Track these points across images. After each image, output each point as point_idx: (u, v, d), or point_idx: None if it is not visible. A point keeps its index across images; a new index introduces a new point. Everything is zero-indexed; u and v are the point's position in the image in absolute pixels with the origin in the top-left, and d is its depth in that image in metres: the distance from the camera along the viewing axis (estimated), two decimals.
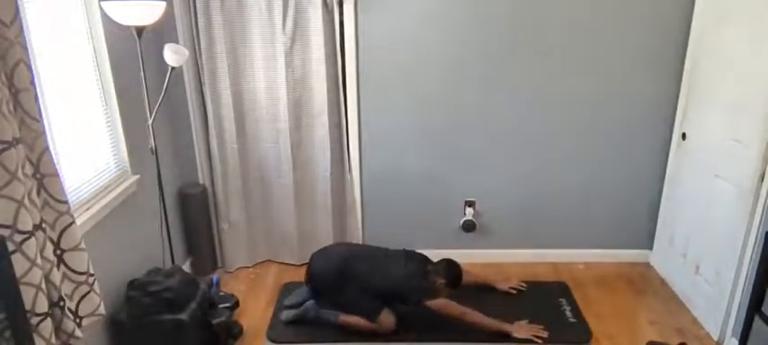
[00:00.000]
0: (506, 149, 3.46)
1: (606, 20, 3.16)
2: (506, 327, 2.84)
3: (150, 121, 2.77)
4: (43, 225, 1.82)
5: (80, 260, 2.01)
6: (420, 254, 3.01)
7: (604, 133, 3.41)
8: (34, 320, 1.74)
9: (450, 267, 2.92)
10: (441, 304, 2.80)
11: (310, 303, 2.99)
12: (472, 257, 3.63)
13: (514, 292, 3.29)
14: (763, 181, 2.54)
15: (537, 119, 3.38)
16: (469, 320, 2.80)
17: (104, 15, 2.48)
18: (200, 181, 3.47)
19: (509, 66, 3.26)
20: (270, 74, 3.22)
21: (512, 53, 3.24)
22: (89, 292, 2.08)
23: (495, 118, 3.38)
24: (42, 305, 1.75)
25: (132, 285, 2.55)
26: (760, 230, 2.56)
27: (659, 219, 3.56)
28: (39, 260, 1.74)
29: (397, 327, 2.87)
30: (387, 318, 2.85)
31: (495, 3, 3.14)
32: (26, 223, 1.69)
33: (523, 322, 2.92)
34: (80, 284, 2.04)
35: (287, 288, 3.36)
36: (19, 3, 1.73)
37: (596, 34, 3.19)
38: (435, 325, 2.97)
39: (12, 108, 1.69)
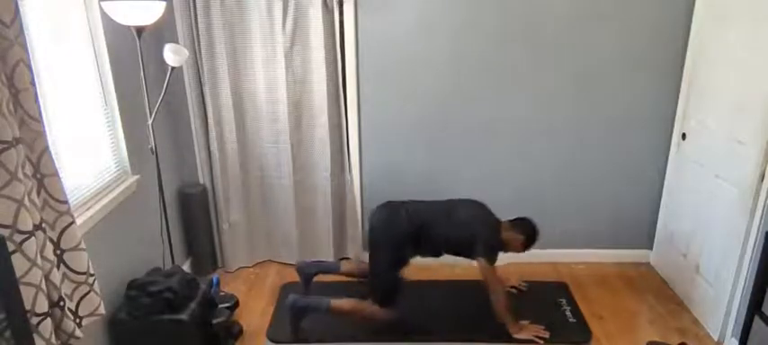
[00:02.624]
0: (506, 149, 3.46)
1: (606, 20, 3.16)
2: (511, 326, 2.84)
3: (150, 121, 2.77)
4: (43, 225, 1.82)
5: (80, 261, 2.01)
6: (488, 209, 2.91)
7: (604, 133, 3.41)
8: (34, 320, 1.74)
9: (531, 227, 2.87)
10: (486, 266, 2.73)
11: (292, 297, 2.89)
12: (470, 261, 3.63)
13: (515, 291, 3.29)
14: (763, 181, 2.54)
15: (537, 118, 3.38)
16: (496, 295, 2.77)
17: (104, 15, 2.48)
18: (201, 181, 3.47)
19: (509, 65, 3.26)
20: (270, 74, 3.22)
21: (511, 53, 3.24)
22: (89, 292, 2.08)
23: (494, 118, 3.38)
24: (42, 305, 1.75)
25: (132, 285, 2.55)
26: (760, 230, 2.56)
27: (659, 219, 3.56)
28: (39, 261, 1.74)
29: (395, 321, 2.82)
30: (389, 311, 2.83)
31: (494, 3, 3.13)
32: (26, 223, 1.69)
33: (525, 323, 2.91)
34: (80, 284, 2.04)
35: (287, 289, 3.36)
36: (19, 3, 1.73)
37: (596, 34, 3.19)
38: (434, 325, 2.98)
39: (12, 108, 1.69)
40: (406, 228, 2.79)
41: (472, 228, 2.78)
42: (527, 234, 2.86)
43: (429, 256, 2.92)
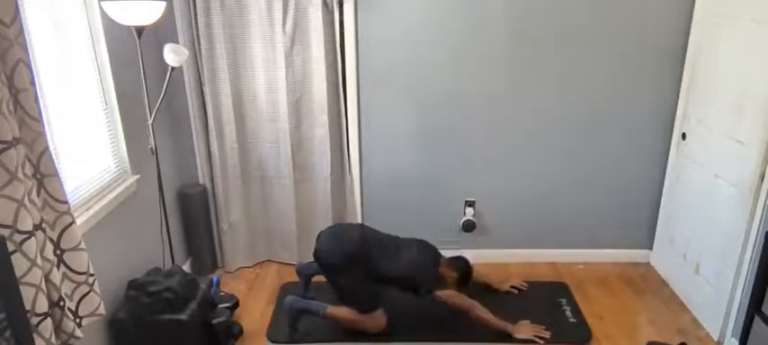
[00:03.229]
0: (506, 149, 3.46)
1: (606, 20, 3.15)
2: (509, 327, 2.84)
3: (150, 121, 2.77)
4: (43, 225, 1.82)
5: (80, 261, 2.01)
6: (432, 245, 3.00)
7: (604, 133, 3.40)
8: (34, 320, 1.74)
9: (464, 264, 2.96)
10: (450, 294, 2.80)
11: (289, 299, 2.92)
12: (472, 257, 3.62)
13: (516, 291, 3.29)
14: (763, 181, 2.54)
15: (537, 118, 3.38)
16: (475, 314, 2.79)
17: (104, 15, 2.48)
18: (200, 181, 3.47)
19: (509, 66, 3.26)
20: (270, 74, 3.22)
21: (511, 53, 3.24)
22: (89, 292, 2.08)
23: (495, 117, 3.38)
24: (42, 305, 1.75)
25: (132, 285, 2.55)
26: (760, 230, 2.56)
27: (659, 219, 3.56)
28: (39, 261, 1.74)
29: (389, 328, 2.86)
30: (379, 317, 2.84)
31: (495, 3, 3.13)
32: (26, 223, 1.69)
33: (526, 322, 2.92)
34: (80, 284, 2.04)
35: (287, 288, 3.36)
36: (19, 3, 1.73)
37: (597, 34, 3.19)
38: (432, 325, 2.98)
39: (12, 108, 1.69)
40: (355, 246, 2.83)
41: (414, 271, 2.84)
42: (460, 272, 2.92)
43: (374, 283, 2.90)
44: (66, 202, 1.94)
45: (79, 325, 2.04)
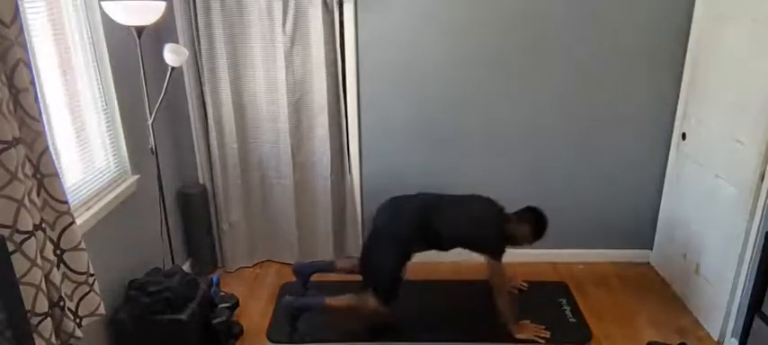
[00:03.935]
0: (506, 149, 3.46)
1: (606, 19, 3.15)
2: (511, 326, 2.84)
3: (150, 121, 2.77)
4: (43, 225, 1.82)
5: (80, 261, 2.01)
6: (494, 201, 2.88)
7: (604, 133, 3.40)
8: (34, 320, 1.74)
9: (539, 217, 2.83)
10: (496, 265, 2.77)
11: (287, 299, 2.93)
12: (472, 257, 3.62)
13: (516, 291, 3.29)
14: (763, 181, 2.54)
15: (537, 119, 3.38)
16: (501, 296, 2.78)
17: (104, 15, 2.48)
18: (201, 181, 3.47)
19: (509, 66, 3.26)
20: (270, 74, 3.22)
21: (512, 53, 3.24)
22: (89, 292, 2.08)
23: (495, 118, 3.38)
24: (42, 305, 1.75)
25: (132, 285, 2.55)
26: (760, 230, 2.56)
27: (659, 219, 3.55)
28: (39, 261, 1.74)
29: (390, 311, 2.81)
30: (385, 305, 2.82)
31: (495, 3, 3.13)
32: (26, 223, 1.69)
33: (526, 322, 2.92)
34: (80, 284, 2.05)
35: (286, 288, 3.36)
36: (19, 3, 1.73)
37: (596, 33, 3.19)
38: (435, 325, 2.98)
39: (12, 108, 1.69)
40: (411, 225, 2.78)
41: (478, 228, 2.78)
42: (534, 225, 2.82)
43: (435, 249, 2.89)
44: (67, 202, 1.94)
45: (79, 325, 2.04)
